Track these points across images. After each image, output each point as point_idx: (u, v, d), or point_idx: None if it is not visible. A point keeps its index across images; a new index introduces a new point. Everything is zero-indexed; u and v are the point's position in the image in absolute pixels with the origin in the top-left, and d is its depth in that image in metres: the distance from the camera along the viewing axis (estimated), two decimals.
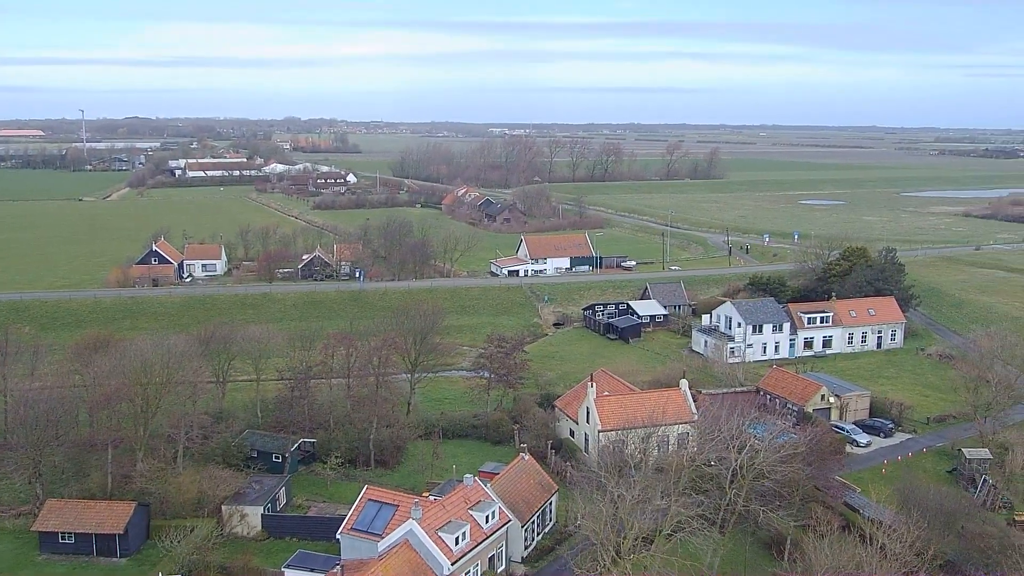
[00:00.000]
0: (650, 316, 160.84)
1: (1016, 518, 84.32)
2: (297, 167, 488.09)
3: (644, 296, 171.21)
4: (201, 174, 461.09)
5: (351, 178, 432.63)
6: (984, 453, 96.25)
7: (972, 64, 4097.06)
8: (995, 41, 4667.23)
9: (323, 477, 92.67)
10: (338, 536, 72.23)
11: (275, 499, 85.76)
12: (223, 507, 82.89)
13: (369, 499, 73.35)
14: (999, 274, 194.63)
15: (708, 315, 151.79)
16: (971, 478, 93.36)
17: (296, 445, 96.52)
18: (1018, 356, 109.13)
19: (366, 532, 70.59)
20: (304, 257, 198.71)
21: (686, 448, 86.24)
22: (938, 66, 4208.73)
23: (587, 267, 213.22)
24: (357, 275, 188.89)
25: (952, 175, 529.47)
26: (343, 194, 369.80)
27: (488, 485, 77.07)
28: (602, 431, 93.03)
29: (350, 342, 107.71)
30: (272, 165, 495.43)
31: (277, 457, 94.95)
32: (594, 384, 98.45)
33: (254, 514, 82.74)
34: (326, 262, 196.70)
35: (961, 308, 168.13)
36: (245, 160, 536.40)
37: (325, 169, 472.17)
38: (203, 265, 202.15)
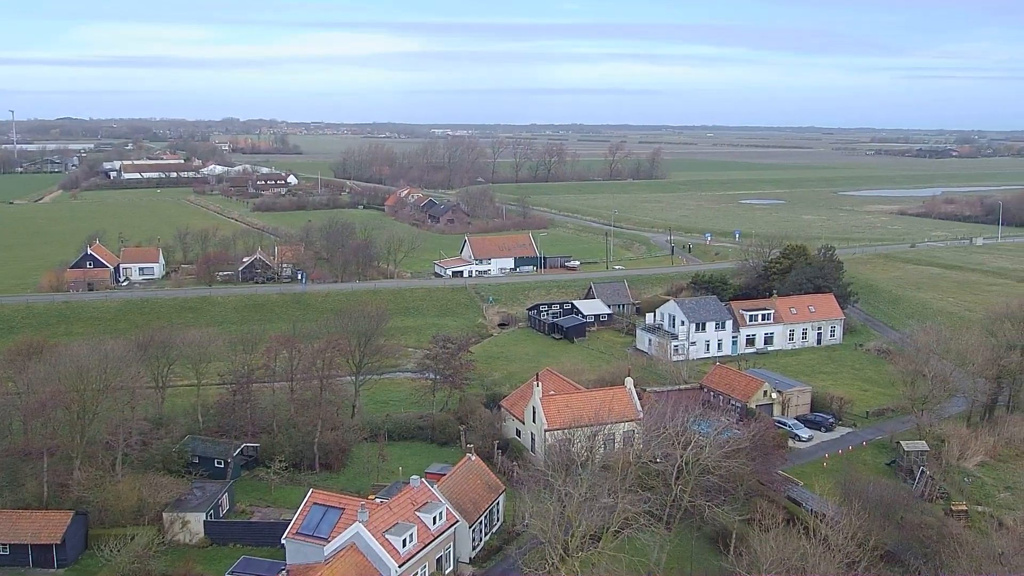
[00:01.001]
0: (595, 315, 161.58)
1: (953, 508, 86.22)
2: (236, 168, 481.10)
3: (588, 296, 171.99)
4: (137, 176, 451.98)
5: (292, 179, 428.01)
6: (921, 445, 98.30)
7: (906, 66, 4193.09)
8: (928, 44, 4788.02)
9: (267, 482, 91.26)
10: (283, 541, 71.31)
11: (218, 505, 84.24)
12: (164, 514, 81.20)
13: (314, 503, 72.52)
14: (933, 271, 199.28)
15: (652, 314, 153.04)
16: (909, 470, 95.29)
17: (239, 450, 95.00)
18: (953, 350, 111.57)
19: (312, 536, 69.78)
20: (245, 259, 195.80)
21: (632, 446, 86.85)
22: (874, 68, 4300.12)
23: (531, 267, 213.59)
24: (299, 277, 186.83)
25: (887, 175, 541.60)
26: (284, 196, 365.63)
27: (435, 486, 76.66)
28: (548, 430, 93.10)
29: (293, 345, 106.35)
30: (211, 167, 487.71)
31: (219, 462, 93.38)
32: (540, 384, 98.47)
33: (196, 521, 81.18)
34: (267, 264, 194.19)
35: (897, 304, 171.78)
36: (183, 162, 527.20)
37: (265, 170, 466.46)
38: (140, 269, 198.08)
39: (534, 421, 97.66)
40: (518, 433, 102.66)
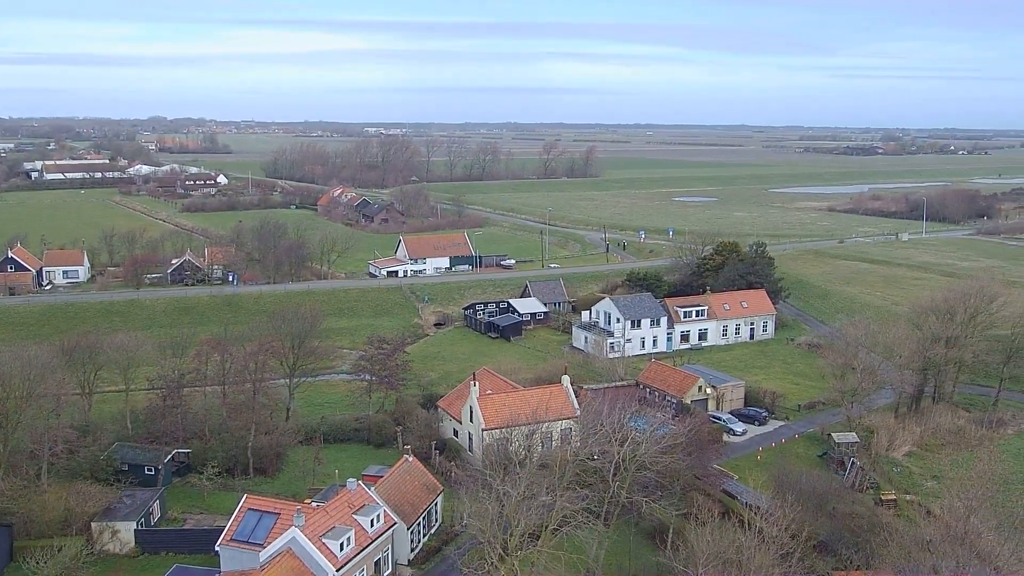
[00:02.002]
0: (531, 314, 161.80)
1: (883, 497, 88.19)
2: (164, 168, 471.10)
3: (524, 294, 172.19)
4: (60, 176, 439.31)
5: (222, 179, 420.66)
6: (852, 437, 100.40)
7: (834, 66, 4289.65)
8: (855, 44, 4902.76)
9: (199, 488, 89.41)
10: (217, 548, 69.92)
11: (149, 513, 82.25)
12: (92, 524, 78.99)
13: (249, 508, 71.26)
14: (861, 266, 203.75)
15: (588, 311, 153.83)
16: (840, 461, 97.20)
17: (169, 456, 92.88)
18: (880, 343, 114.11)
19: (247, 542, 68.57)
20: (173, 261, 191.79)
21: (569, 443, 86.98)
22: (803, 67, 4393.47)
23: (467, 266, 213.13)
24: (230, 279, 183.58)
25: (816, 172, 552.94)
26: (214, 196, 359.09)
27: (372, 488, 75.93)
28: (486, 429, 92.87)
29: (224, 348, 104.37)
30: (137, 166, 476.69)
31: (150, 469, 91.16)
32: (477, 383, 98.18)
33: (126, 530, 79.15)
34: (197, 266, 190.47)
35: (827, 299, 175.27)
36: (108, 161, 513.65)
37: (194, 170, 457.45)
38: (64, 272, 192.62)
39: (471, 421, 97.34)
40: (455, 433, 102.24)
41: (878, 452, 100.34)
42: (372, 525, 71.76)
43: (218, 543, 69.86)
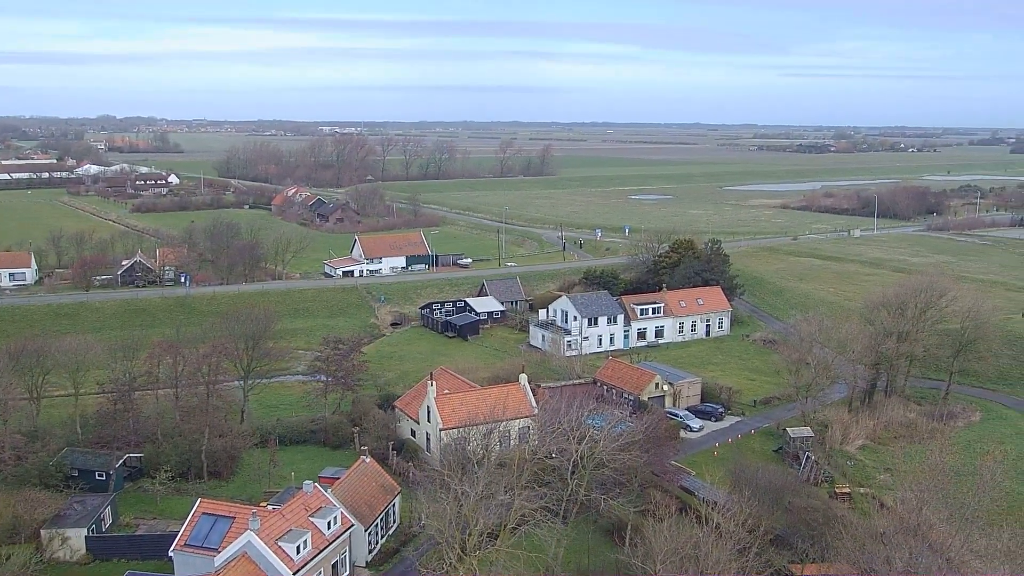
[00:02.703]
0: (488, 313, 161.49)
1: (837, 491, 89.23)
2: (114, 168, 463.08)
3: (481, 293, 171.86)
4: (6, 177, 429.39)
5: (173, 179, 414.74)
6: (806, 431, 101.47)
7: (787, 65, 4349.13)
8: (808, 43, 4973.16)
9: (152, 493, 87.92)
10: (171, 554, 68.80)
11: (100, 519, 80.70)
12: (42, 531, 77.33)
13: (203, 513, 70.16)
14: (815, 262, 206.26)
15: (545, 310, 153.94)
16: (795, 455, 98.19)
17: (121, 461, 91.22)
18: (834, 339, 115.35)
19: (201, 547, 67.53)
20: (124, 263, 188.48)
21: (527, 442, 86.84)
22: (757, 66, 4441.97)
23: (423, 266, 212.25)
24: (182, 280, 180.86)
25: (770, 170, 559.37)
26: (165, 196, 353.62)
27: (329, 491, 75.16)
28: (443, 429, 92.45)
29: (177, 350, 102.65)
30: (86, 166, 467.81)
31: (101, 475, 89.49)
32: (434, 383, 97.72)
33: (77, 536, 77.60)
34: (148, 267, 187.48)
35: (781, 295, 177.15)
36: (55, 161, 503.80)
37: (144, 170, 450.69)
38: (11, 274, 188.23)
39: (429, 421, 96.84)
40: (413, 433, 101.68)
41: (832, 446, 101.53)
42: (329, 527, 71.04)
43: (172, 549, 68.80)
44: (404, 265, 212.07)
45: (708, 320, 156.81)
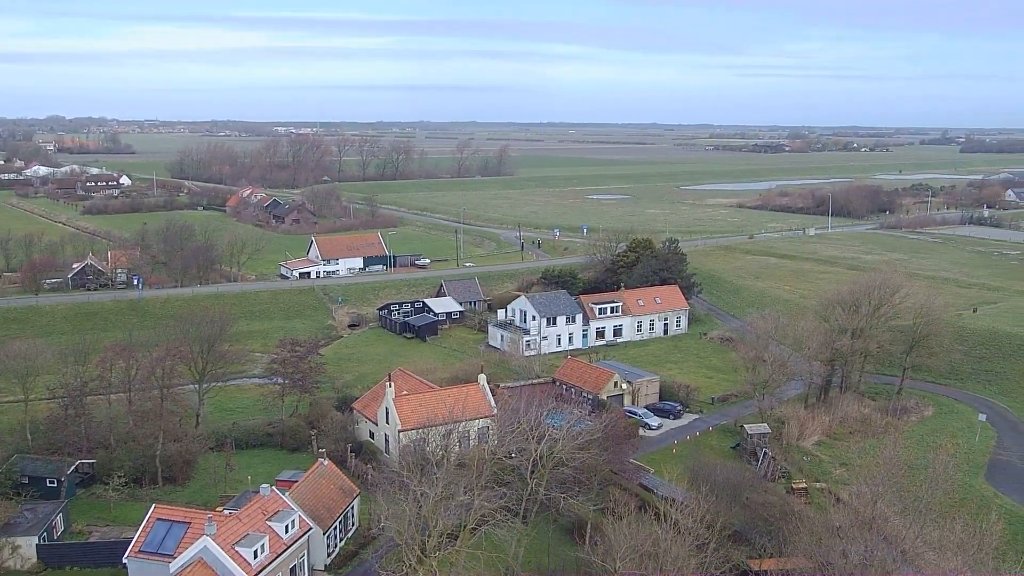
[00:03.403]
0: (446, 313, 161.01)
1: (794, 486, 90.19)
2: (63, 169, 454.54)
3: (439, 293, 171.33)
4: None
5: (125, 180, 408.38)
6: (763, 428, 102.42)
7: (742, 65, 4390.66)
8: (763, 43, 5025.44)
9: (105, 499, 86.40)
10: (125, 560, 67.77)
11: (51, 527, 79.08)
12: None
13: (158, 518, 69.13)
14: (771, 261, 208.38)
15: (503, 310, 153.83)
16: (753, 452, 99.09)
17: (73, 467, 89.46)
18: (790, 336, 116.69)
19: (156, 554, 66.54)
20: (75, 265, 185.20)
21: (487, 442, 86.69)
22: (712, 66, 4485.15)
23: (381, 266, 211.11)
24: (135, 283, 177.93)
25: (726, 169, 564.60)
26: (116, 197, 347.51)
27: (286, 494, 74.38)
28: (402, 431, 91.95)
29: (130, 354, 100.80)
30: (34, 167, 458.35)
31: (52, 481, 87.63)
32: (392, 384, 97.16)
33: (27, 545, 75.92)
34: (100, 270, 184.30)
35: (738, 293, 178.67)
36: (2, 163, 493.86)
37: (95, 171, 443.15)
38: None
39: (387, 422, 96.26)
40: (371, 435, 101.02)
41: (789, 442, 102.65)
42: (287, 531, 70.28)
43: (126, 555, 67.79)
44: (361, 266, 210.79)
45: (666, 319, 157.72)
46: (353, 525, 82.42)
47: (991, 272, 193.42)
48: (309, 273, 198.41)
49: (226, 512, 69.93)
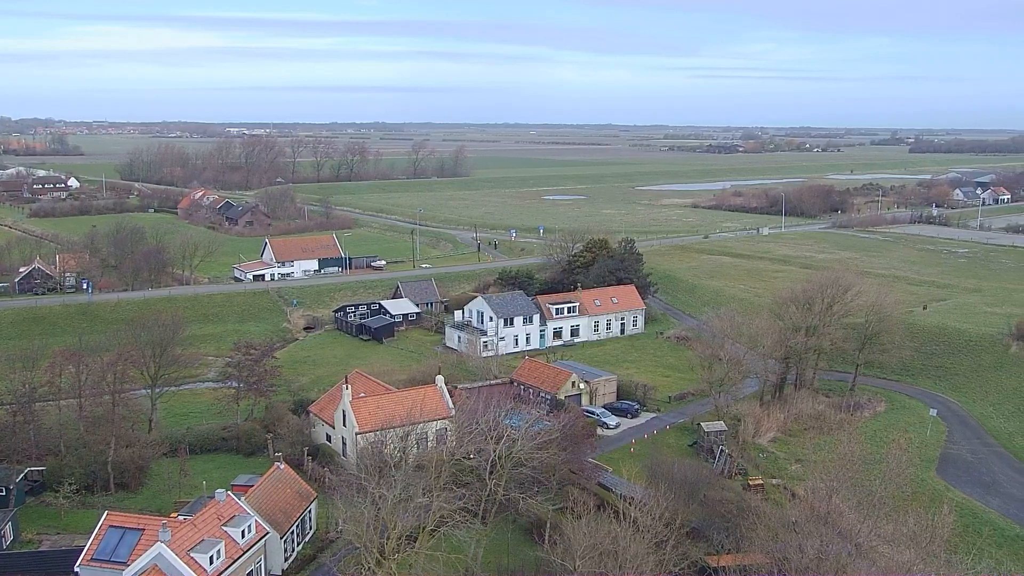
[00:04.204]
0: (403, 315, 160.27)
1: (750, 483, 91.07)
2: (9, 171, 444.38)
3: (396, 295, 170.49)
4: None
5: (73, 182, 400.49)
6: (720, 425, 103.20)
7: (696, 66, 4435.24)
8: (716, 45, 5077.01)
9: (56, 507, 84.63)
10: (77, 569, 66.40)
11: (1, 536, 77.31)
12: None
13: (111, 525, 67.88)
14: (725, 260, 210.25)
15: (460, 311, 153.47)
16: (710, 449, 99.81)
17: (22, 475, 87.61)
18: (745, 334, 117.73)
19: (109, 561, 65.34)
20: (21, 270, 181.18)
21: (445, 443, 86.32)
22: (666, 68, 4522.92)
23: (336, 268, 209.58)
24: (84, 287, 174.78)
25: (681, 169, 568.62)
26: (64, 200, 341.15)
27: (242, 499, 73.46)
28: (360, 433, 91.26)
29: (80, 359, 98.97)
30: None
31: (0, 490, 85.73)
32: (349, 386, 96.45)
33: None
34: (48, 274, 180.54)
35: (694, 292, 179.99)
36: None
37: (42, 173, 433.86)
38: None
39: (344, 425, 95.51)
40: (328, 438, 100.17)
41: (745, 439, 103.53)
42: (243, 536, 69.41)
43: (78, 564, 66.46)
44: (317, 268, 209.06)
45: (623, 318, 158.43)
46: (311, 529, 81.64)
47: (940, 270, 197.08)
48: (263, 275, 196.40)
49: (181, 518, 68.87)
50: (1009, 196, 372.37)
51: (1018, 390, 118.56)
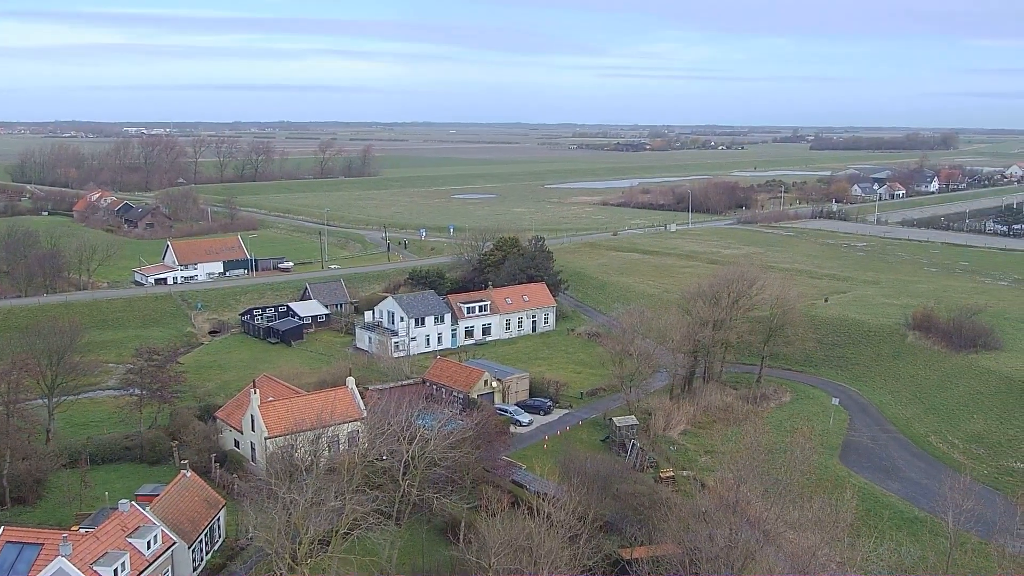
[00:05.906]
0: (311, 316, 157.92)
1: (662, 475, 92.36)
2: None
3: (304, 297, 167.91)
4: None
5: None
6: (631, 420, 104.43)
7: (603, 65, 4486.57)
8: (623, 44, 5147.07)
9: None
10: None
11: None
12: None
13: (7, 541, 64.96)
14: (634, 256, 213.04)
15: (371, 311, 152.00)
16: (622, 443, 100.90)
17: None
18: (654, 329, 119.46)
19: None
20: None
21: (357, 445, 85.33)
22: (575, 67, 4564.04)
23: (242, 270, 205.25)
24: None
25: (589, 167, 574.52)
26: None
27: (147, 509, 71.26)
28: (269, 438, 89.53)
29: None
30: None
31: None
32: (257, 390, 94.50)
33: None
34: None
35: (604, 289, 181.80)
36: None
37: None
38: None
39: (253, 430, 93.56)
40: (237, 444, 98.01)
41: (656, 432, 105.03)
42: (149, 547, 67.36)
43: None
44: (222, 270, 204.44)
45: (534, 316, 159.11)
46: (220, 537, 79.72)
47: (840, 263, 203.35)
48: (166, 279, 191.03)
49: (82, 531, 66.44)
50: (904, 191, 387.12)
51: (915, 378, 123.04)
